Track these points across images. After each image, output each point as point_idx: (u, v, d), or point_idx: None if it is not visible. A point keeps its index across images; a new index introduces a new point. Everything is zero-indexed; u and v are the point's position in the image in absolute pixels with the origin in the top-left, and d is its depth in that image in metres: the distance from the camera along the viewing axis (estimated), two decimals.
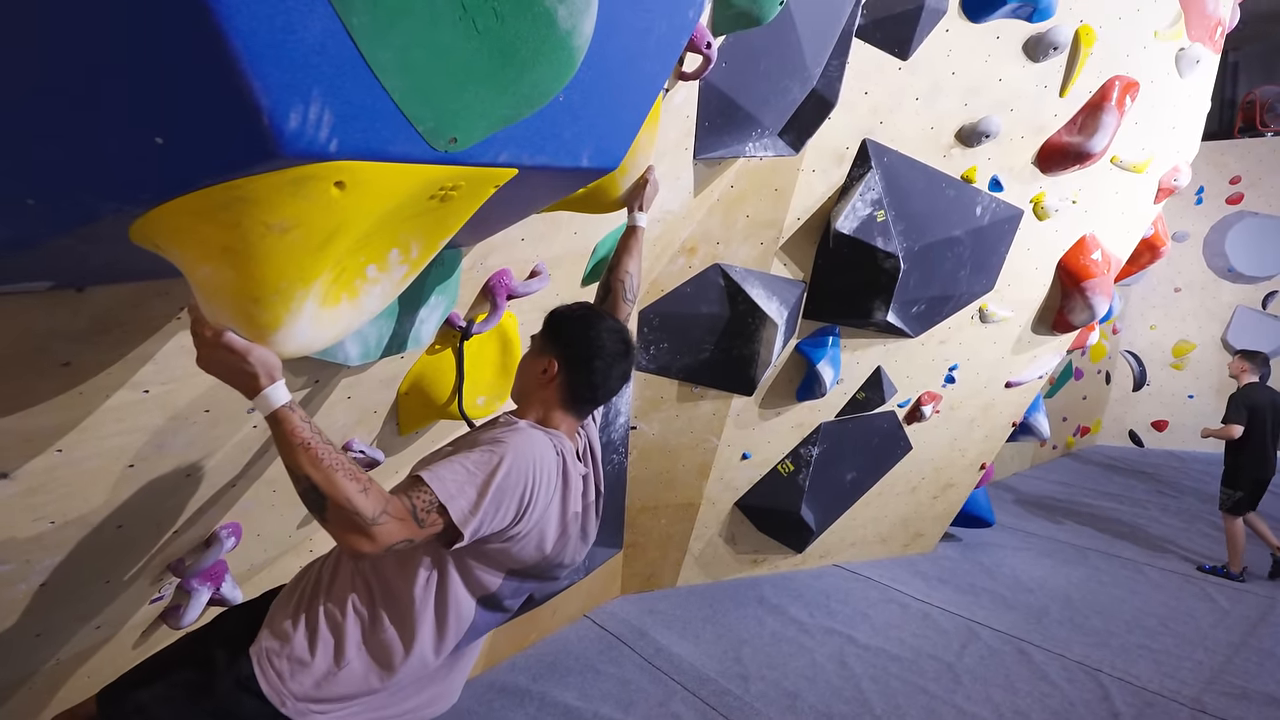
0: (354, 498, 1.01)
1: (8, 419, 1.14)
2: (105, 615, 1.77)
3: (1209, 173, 8.80)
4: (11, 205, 0.73)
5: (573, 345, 1.37)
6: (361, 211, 0.83)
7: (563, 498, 1.31)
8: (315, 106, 0.69)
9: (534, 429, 1.31)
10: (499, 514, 1.18)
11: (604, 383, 1.38)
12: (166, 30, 0.61)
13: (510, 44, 0.82)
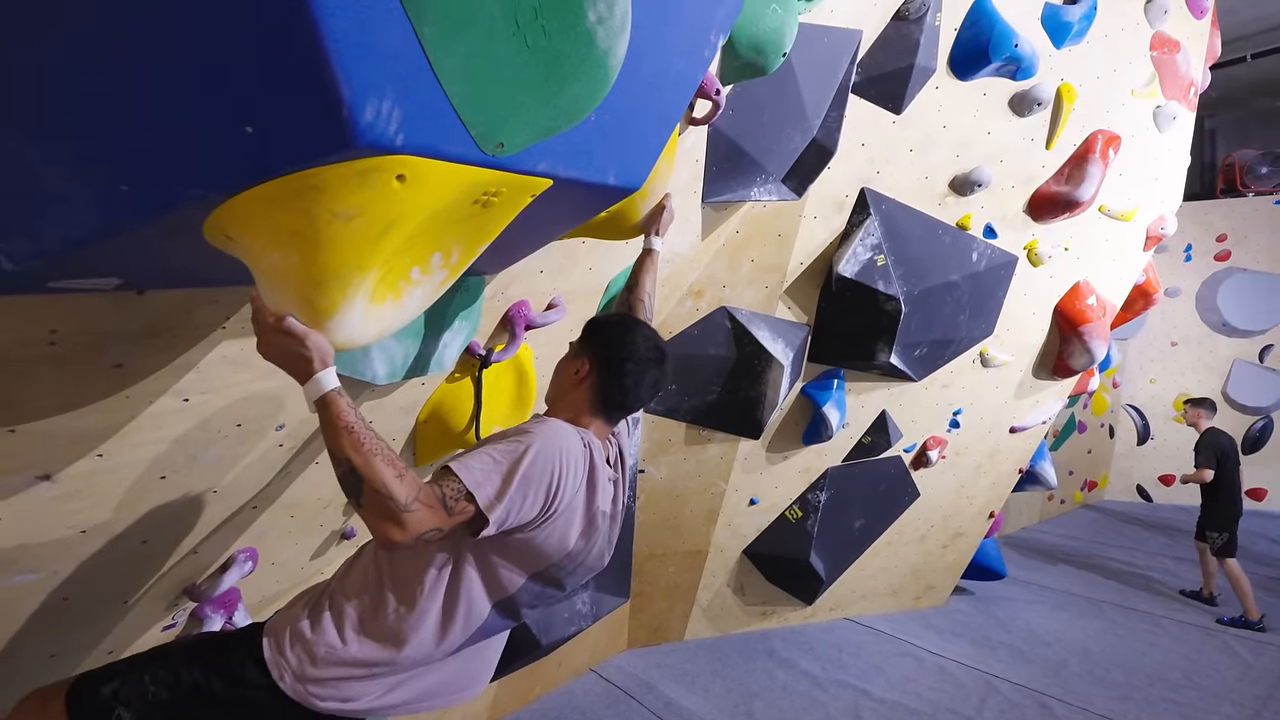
0: (389, 482, 1.04)
1: (60, 418, 1.19)
2: (117, 638, 1.77)
3: (1195, 231, 9.07)
4: (107, 192, 0.80)
5: (607, 348, 1.41)
6: (417, 205, 0.91)
7: (588, 492, 1.33)
8: (387, 104, 0.78)
9: (563, 422, 1.35)
10: (526, 502, 1.20)
11: (635, 388, 1.41)
12: (266, 28, 0.70)
13: (555, 59, 0.92)
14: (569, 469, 1.27)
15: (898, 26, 2.80)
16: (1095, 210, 3.62)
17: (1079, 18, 3.10)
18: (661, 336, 1.52)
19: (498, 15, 0.84)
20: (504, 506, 1.17)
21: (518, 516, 1.20)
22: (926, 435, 4.17)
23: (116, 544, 1.51)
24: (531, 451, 1.21)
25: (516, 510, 1.19)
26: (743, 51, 1.96)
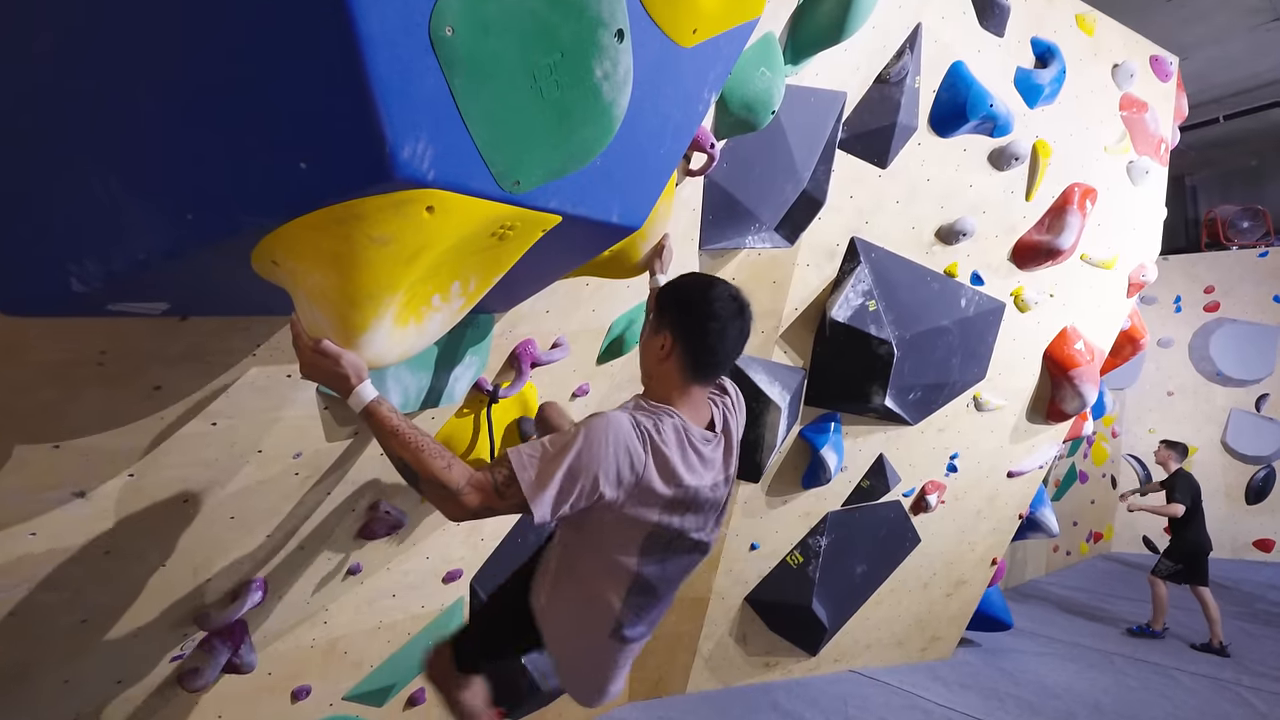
0: (439, 473, 1.18)
1: (100, 435, 1.28)
2: (129, 667, 1.79)
3: (1184, 283, 9.29)
4: (174, 219, 0.92)
5: (686, 314, 1.41)
6: (442, 234, 1.02)
7: (662, 471, 1.33)
8: (422, 144, 0.90)
9: (622, 412, 1.35)
10: (577, 491, 1.25)
11: (720, 344, 1.41)
12: (324, 77, 0.83)
13: (566, 109, 1.05)
14: (619, 458, 1.28)
15: (880, 88, 3.01)
16: (1077, 258, 3.77)
17: (1049, 80, 3.33)
18: (735, 287, 1.50)
19: (518, 70, 0.97)
20: (548, 494, 1.23)
21: (570, 504, 1.26)
22: (925, 479, 4.21)
23: (137, 566, 1.57)
24: (578, 443, 1.26)
25: (566, 499, 1.25)
26: (735, 109, 2.13)
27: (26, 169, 0.93)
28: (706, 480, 1.43)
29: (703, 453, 1.42)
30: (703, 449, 1.42)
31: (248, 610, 1.96)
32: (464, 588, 2.90)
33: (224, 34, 0.82)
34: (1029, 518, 5.20)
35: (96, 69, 0.86)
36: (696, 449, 1.41)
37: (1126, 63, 3.77)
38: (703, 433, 1.43)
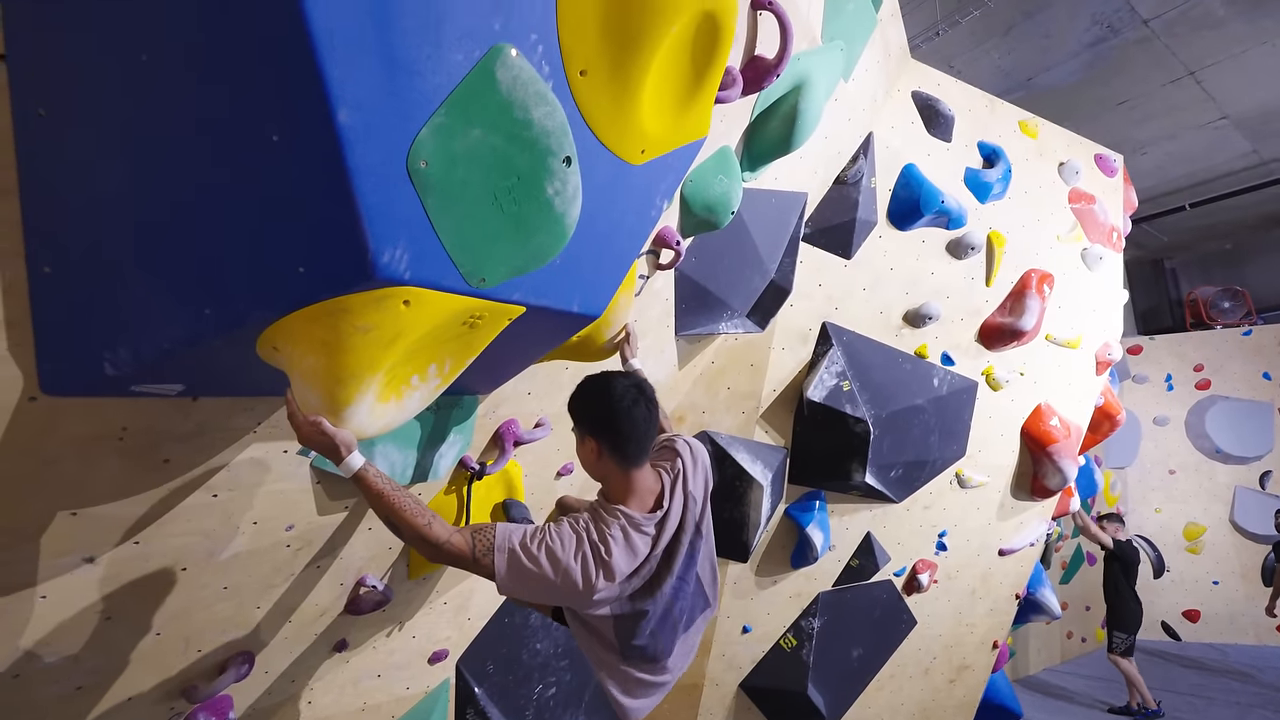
0: (421, 529, 1.40)
1: (112, 504, 1.43)
2: None
3: (1173, 362, 9.46)
4: (194, 313, 1.12)
5: (594, 413, 1.63)
6: (417, 323, 1.21)
7: (602, 566, 1.53)
8: (399, 250, 1.11)
9: (576, 527, 1.56)
10: (535, 591, 1.51)
11: (633, 429, 1.59)
12: (322, 201, 1.05)
13: (524, 220, 1.27)
14: (574, 580, 1.51)
15: (839, 189, 3.31)
16: (1042, 339, 3.97)
17: (997, 179, 3.65)
18: (634, 375, 1.72)
19: (481, 191, 1.20)
20: (511, 584, 1.47)
21: (527, 595, 1.50)
22: (914, 558, 4.23)
23: (134, 633, 1.68)
24: (544, 562, 1.49)
25: (525, 594, 1.50)
26: (698, 210, 2.39)
27: (72, 274, 1.14)
28: (654, 549, 1.63)
29: (647, 532, 1.63)
30: (646, 529, 1.62)
31: (233, 685, 2.03)
32: (450, 669, 2.92)
33: (240, 168, 1.04)
34: (1029, 599, 5.14)
35: (137, 193, 1.09)
36: (643, 532, 1.62)
37: (1071, 160, 4.11)
38: (646, 517, 1.63)
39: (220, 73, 0.96)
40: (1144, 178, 8.76)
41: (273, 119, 0.97)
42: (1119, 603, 6.06)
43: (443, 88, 1.11)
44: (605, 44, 1.37)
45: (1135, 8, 5.61)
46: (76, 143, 1.02)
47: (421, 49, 1.07)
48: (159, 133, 1.00)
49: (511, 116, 1.20)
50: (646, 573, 1.63)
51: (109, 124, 1.01)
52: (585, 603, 1.57)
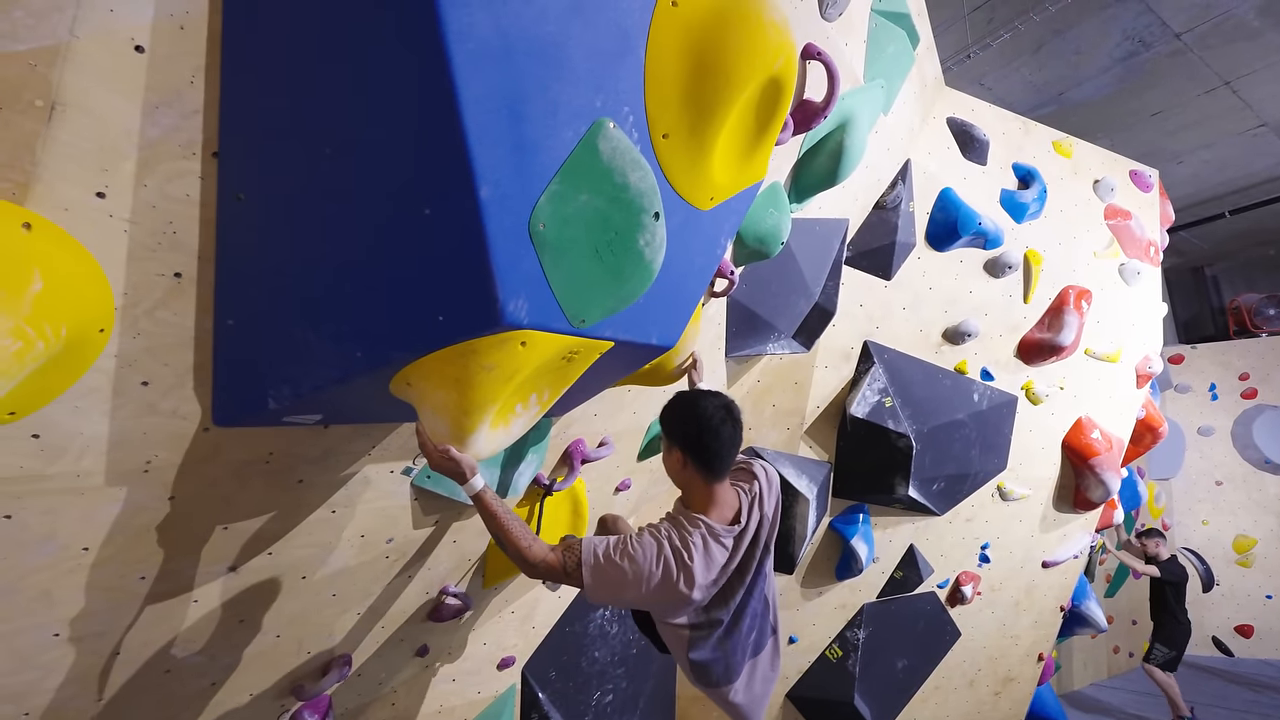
0: (523, 550, 1.58)
1: (255, 519, 1.63)
2: None
3: (1217, 371, 9.31)
4: (348, 356, 1.31)
5: (683, 428, 1.73)
6: (530, 360, 1.40)
7: (684, 570, 1.67)
8: (520, 300, 1.29)
9: (662, 540, 1.69)
10: (622, 599, 1.69)
11: (719, 446, 1.71)
12: (458, 261, 1.23)
13: (618, 268, 1.45)
14: (653, 576, 1.66)
15: (878, 213, 3.45)
16: (1081, 353, 4.04)
17: (1032, 199, 3.75)
18: (724, 394, 1.82)
19: (585, 245, 1.38)
20: (600, 594, 1.65)
21: (616, 602, 1.71)
22: (958, 570, 4.29)
23: (260, 636, 1.88)
24: (628, 572, 1.64)
25: (612, 602, 1.71)
26: (750, 243, 2.55)
27: (250, 326, 1.34)
28: (733, 564, 1.77)
29: (725, 544, 1.75)
30: (725, 541, 1.75)
31: (334, 686, 2.22)
32: (516, 675, 3.09)
33: (397, 237, 1.24)
34: (1074, 611, 5.14)
35: (309, 260, 1.29)
36: (721, 543, 1.74)
37: (1106, 178, 4.19)
38: (726, 528, 1.76)
39: (388, 164, 1.16)
40: (1181, 186, 8.70)
41: (428, 198, 1.16)
42: (1167, 619, 5.99)
43: (557, 160, 1.30)
44: (685, 110, 1.55)
45: (1167, 22, 5.65)
46: (264, 220, 1.23)
47: (541, 130, 1.26)
48: (333, 211, 1.20)
49: (611, 180, 1.39)
50: (721, 581, 1.78)
51: (292, 205, 1.21)
52: (667, 606, 1.72)
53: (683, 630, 1.80)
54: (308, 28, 1.10)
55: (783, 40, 1.58)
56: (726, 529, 1.75)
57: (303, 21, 1.10)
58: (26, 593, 1.33)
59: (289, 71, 1.12)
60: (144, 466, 1.35)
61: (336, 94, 1.14)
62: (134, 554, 1.46)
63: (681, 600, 1.69)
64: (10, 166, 0.94)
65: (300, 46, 1.11)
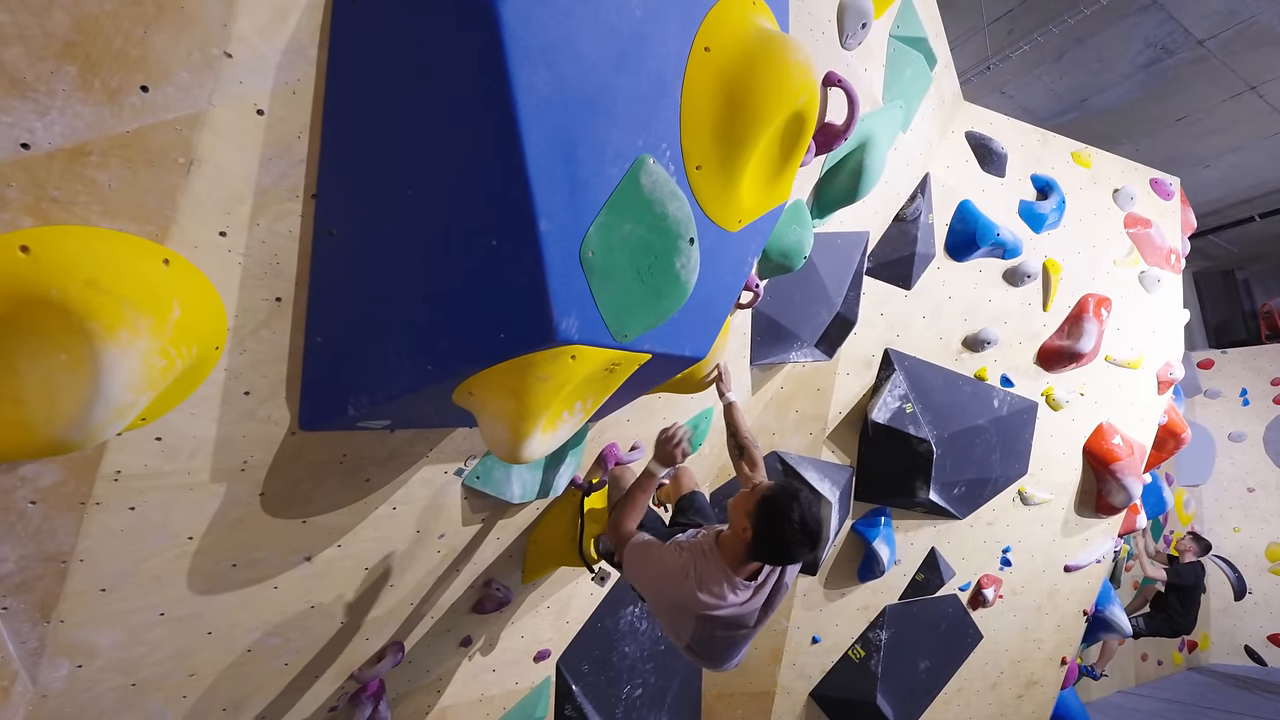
0: (625, 522, 2.00)
1: (328, 514, 1.81)
2: (303, 712, 2.24)
3: (1247, 376, 9.19)
4: (420, 368, 1.48)
5: (766, 527, 1.74)
6: (579, 371, 1.56)
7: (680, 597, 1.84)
8: (572, 319, 1.45)
9: (688, 549, 1.88)
10: (637, 574, 1.88)
11: (780, 557, 1.78)
12: (521, 286, 1.40)
13: (658, 289, 1.60)
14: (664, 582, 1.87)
15: (898, 225, 3.57)
16: (1101, 360, 4.10)
17: (1050, 209, 3.83)
18: (819, 511, 1.81)
19: (628, 269, 1.54)
20: (628, 564, 1.87)
21: (637, 578, 1.90)
22: (979, 573, 4.37)
23: (327, 621, 2.06)
24: (660, 577, 1.86)
25: (635, 571, 1.89)
26: (775, 257, 2.69)
27: (336, 344, 1.52)
28: (736, 602, 1.85)
29: (742, 593, 1.85)
30: (742, 591, 1.85)
31: (387, 670, 2.40)
32: (551, 668, 3.25)
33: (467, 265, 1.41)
34: (1098, 616, 5.17)
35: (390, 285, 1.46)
36: (738, 591, 1.84)
37: (1126, 187, 4.25)
38: (744, 582, 1.85)
39: (460, 202, 1.33)
40: (1209, 190, 8.64)
41: (494, 231, 1.33)
42: (1162, 611, 6.17)
43: (604, 195, 1.46)
44: (716, 143, 1.71)
45: (1189, 29, 5.68)
46: (351, 251, 1.40)
47: (591, 170, 1.42)
48: (411, 243, 1.38)
49: (652, 210, 1.54)
50: (730, 619, 1.87)
51: (376, 238, 1.39)
52: (679, 598, 1.85)
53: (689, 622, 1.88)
54: (395, 87, 1.28)
55: (806, 79, 1.73)
56: (745, 583, 1.85)
57: (391, 82, 1.27)
58: (141, 576, 1.52)
59: (379, 124, 1.30)
60: (241, 466, 1.54)
61: (417, 142, 1.31)
62: (228, 543, 1.64)
63: (689, 595, 1.82)
64: (156, 213, 1.13)
65: (389, 103, 1.28)
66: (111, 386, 1.06)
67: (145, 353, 1.09)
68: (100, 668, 1.57)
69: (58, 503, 1.29)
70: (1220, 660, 8.50)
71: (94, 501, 1.34)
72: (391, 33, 1.22)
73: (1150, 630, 6.12)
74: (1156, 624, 6.12)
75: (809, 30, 2.14)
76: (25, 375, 1.05)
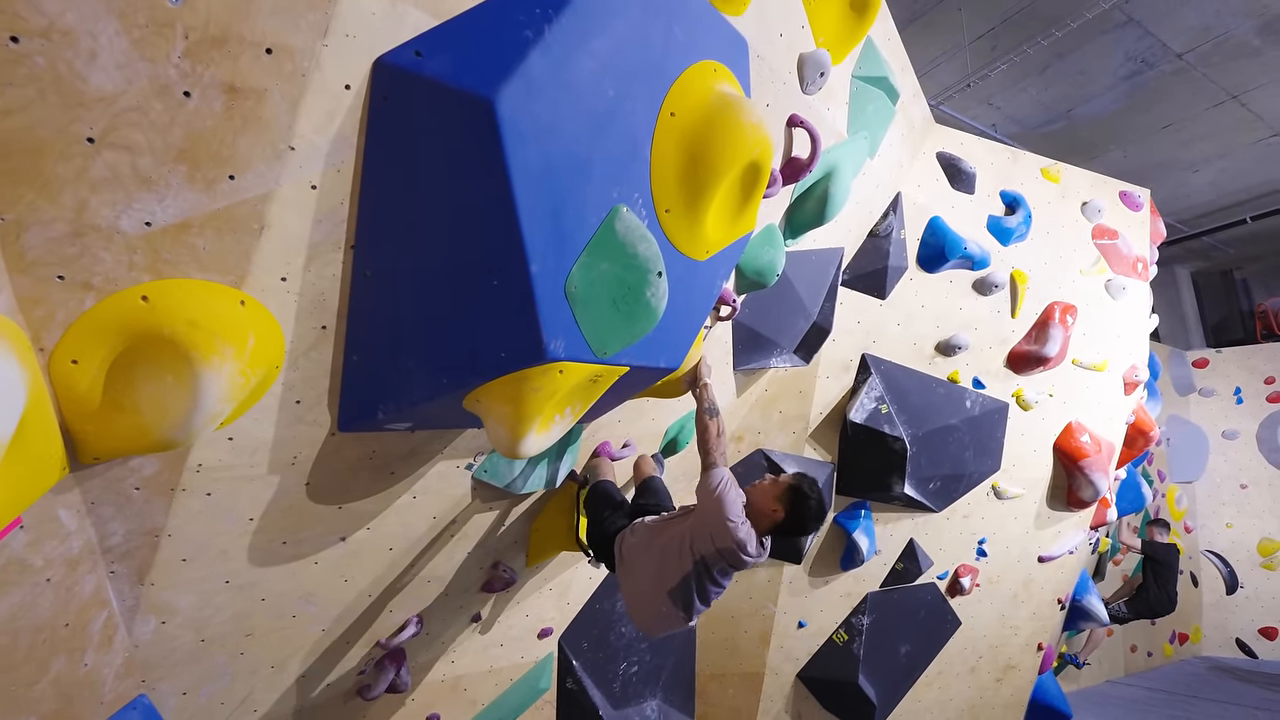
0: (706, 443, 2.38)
1: (360, 501, 2.16)
2: (335, 672, 2.60)
3: (1242, 375, 9.38)
4: (436, 381, 1.83)
5: (794, 513, 2.25)
6: (566, 383, 1.89)
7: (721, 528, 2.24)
8: (559, 340, 1.79)
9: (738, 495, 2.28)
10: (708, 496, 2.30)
11: (800, 532, 2.30)
12: (517, 317, 1.74)
13: (631, 313, 1.94)
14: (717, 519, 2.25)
15: (872, 241, 3.87)
16: (1069, 363, 4.38)
17: (1017, 224, 4.12)
18: (824, 496, 2.35)
19: (605, 299, 1.87)
20: (707, 482, 2.34)
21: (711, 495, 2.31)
22: (956, 563, 4.66)
23: (358, 594, 2.42)
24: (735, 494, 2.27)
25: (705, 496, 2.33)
26: (749, 275, 3.01)
27: (369, 362, 1.87)
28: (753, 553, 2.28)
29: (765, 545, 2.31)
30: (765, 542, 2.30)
31: (407, 640, 2.76)
32: (553, 644, 3.60)
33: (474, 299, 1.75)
34: (1076, 605, 5.44)
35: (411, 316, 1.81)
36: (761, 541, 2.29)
37: (1094, 200, 4.52)
38: (758, 549, 2.30)
39: (468, 250, 1.67)
40: (1200, 193, 8.83)
41: (496, 273, 1.67)
42: (1141, 590, 6.48)
43: (584, 240, 1.80)
44: (682, 190, 2.04)
45: (1167, 44, 5.92)
46: (382, 288, 1.75)
47: (574, 221, 1.76)
48: (429, 282, 1.72)
49: (625, 251, 1.88)
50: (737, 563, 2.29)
51: (402, 278, 1.73)
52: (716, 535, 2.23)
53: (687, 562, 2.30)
54: (416, 162, 1.61)
55: (759, 136, 2.05)
56: (760, 548, 2.30)
57: (413, 158, 1.61)
58: (212, 550, 1.88)
59: (403, 190, 1.64)
60: (292, 460, 1.89)
61: (434, 204, 1.66)
62: (279, 525, 2.00)
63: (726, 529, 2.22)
64: (236, 266, 1.48)
65: (411, 174, 1.62)
66: (207, 399, 1.41)
67: (230, 374, 1.45)
68: (178, 625, 1.93)
69: (155, 489, 1.65)
70: (1212, 654, 8.70)
71: (181, 488, 1.70)
72: (413, 122, 1.56)
73: (1133, 614, 6.48)
74: (1137, 607, 6.47)
75: (770, 83, 2.45)
76: (143, 391, 1.41)
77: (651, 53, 1.89)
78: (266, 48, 1.31)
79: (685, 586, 2.29)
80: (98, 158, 1.22)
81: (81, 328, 1.35)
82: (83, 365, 1.37)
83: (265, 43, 1.31)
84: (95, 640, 1.71)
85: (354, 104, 1.47)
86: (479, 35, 1.53)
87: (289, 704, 2.51)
